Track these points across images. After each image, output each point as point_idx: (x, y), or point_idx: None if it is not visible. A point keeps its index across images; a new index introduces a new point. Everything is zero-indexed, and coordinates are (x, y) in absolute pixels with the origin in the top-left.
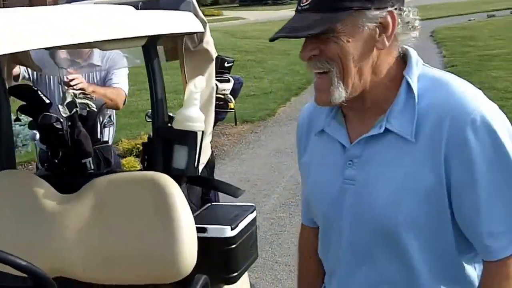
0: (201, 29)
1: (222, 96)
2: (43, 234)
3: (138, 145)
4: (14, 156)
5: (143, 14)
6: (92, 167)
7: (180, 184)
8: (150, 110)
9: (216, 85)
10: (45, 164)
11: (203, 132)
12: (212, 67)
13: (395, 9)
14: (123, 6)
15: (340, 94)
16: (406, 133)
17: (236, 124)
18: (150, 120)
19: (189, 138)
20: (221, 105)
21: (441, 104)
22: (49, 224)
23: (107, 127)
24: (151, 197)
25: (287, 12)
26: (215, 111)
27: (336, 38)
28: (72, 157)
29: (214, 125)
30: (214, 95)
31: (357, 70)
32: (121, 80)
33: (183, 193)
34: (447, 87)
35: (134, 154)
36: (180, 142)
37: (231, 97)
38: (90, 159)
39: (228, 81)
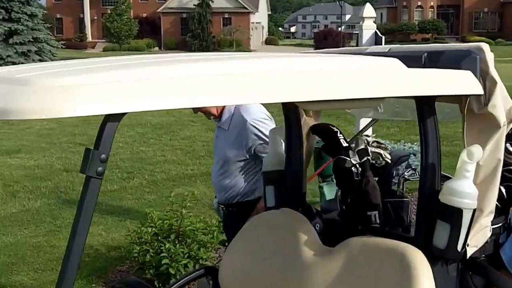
0: (478, 91)
1: None
2: (290, 279)
3: None
4: (299, 196)
5: (411, 74)
6: (378, 221)
7: (437, 264)
8: None
9: None
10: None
11: (475, 210)
12: (499, 136)
13: None
14: (393, 61)
15: None
16: None
17: None
18: None
19: (453, 215)
20: None
21: None
22: (299, 271)
23: (409, 180)
24: (397, 271)
25: None
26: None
27: None
28: (358, 207)
29: None
30: (500, 169)
31: None
32: None
33: (445, 275)
34: None
35: None
36: (442, 218)
37: None
38: (376, 212)
39: None
